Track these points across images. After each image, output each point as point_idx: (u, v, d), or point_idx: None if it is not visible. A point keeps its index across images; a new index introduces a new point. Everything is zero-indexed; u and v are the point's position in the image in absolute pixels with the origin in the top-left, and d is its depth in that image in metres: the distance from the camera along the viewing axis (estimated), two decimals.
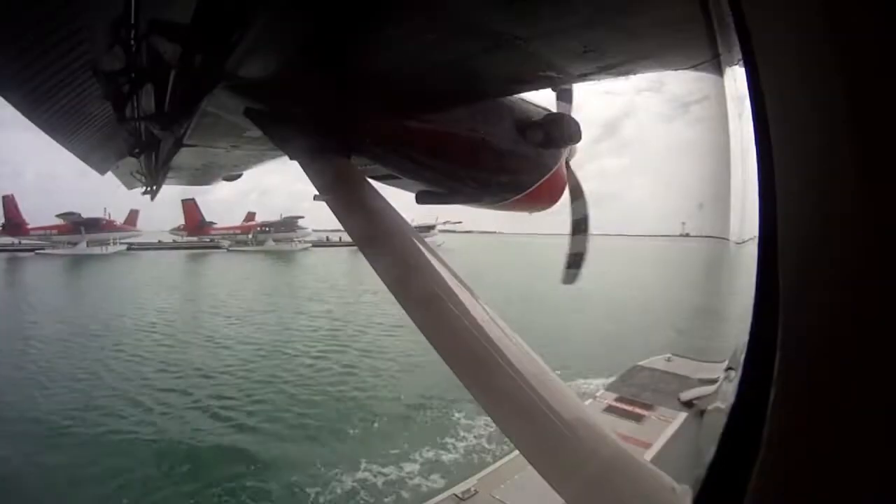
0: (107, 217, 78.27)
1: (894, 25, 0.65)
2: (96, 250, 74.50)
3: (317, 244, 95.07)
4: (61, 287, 46.72)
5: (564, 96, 3.89)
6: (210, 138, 4.95)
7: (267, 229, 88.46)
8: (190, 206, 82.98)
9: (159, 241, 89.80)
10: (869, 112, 0.69)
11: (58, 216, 76.27)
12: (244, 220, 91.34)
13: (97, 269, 58.86)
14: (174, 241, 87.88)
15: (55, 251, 73.41)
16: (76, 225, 75.44)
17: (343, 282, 47.90)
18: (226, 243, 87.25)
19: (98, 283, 48.40)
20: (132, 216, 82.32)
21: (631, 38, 2.23)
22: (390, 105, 3.27)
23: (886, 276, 0.66)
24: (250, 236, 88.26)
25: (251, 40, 2.39)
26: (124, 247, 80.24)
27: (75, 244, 75.06)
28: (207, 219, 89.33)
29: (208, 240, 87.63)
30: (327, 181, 3.43)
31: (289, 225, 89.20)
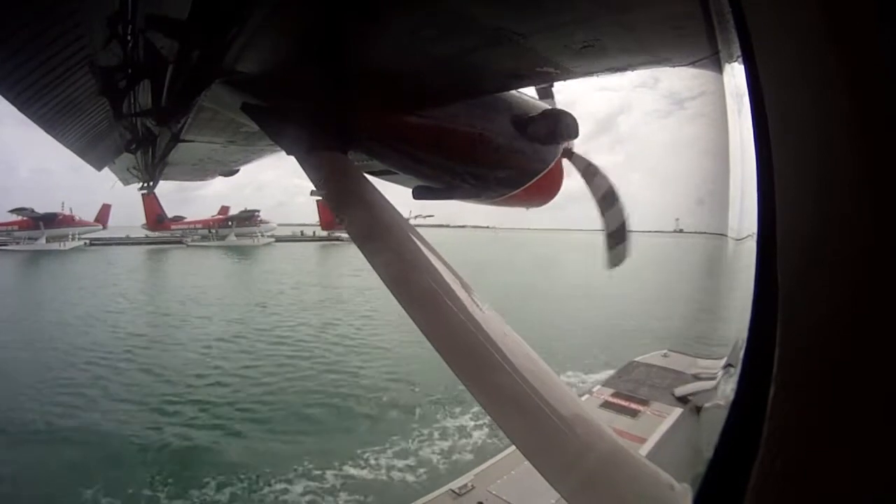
0: (64, 212, 77.28)
1: (893, 23, 0.66)
2: (54, 246, 72.65)
3: (289, 239, 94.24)
4: None
5: (545, 93, 3.88)
6: (207, 134, 4.95)
7: (230, 223, 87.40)
8: (149, 201, 78.66)
9: (127, 236, 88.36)
10: (868, 109, 0.69)
11: (11, 212, 74.31)
12: (217, 214, 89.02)
13: (39, 265, 57.92)
14: (146, 236, 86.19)
15: (16, 247, 72.31)
16: (34, 220, 74.43)
17: (254, 284, 46.38)
18: (188, 239, 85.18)
19: (17, 282, 47.66)
20: (104, 211, 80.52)
21: (630, 35, 2.23)
22: (388, 100, 3.27)
23: (885, 272, 0.67)
24: (210, 231, 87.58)
25: (248, 35, 2.38)
26: (82, 242, 78.12)
27: (35, 240, 73.60)
28: (201, 214, 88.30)
29: (179, 234, 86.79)
30: (324, 177, 3.42)
31: (250, 219, 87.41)
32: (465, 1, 2.16)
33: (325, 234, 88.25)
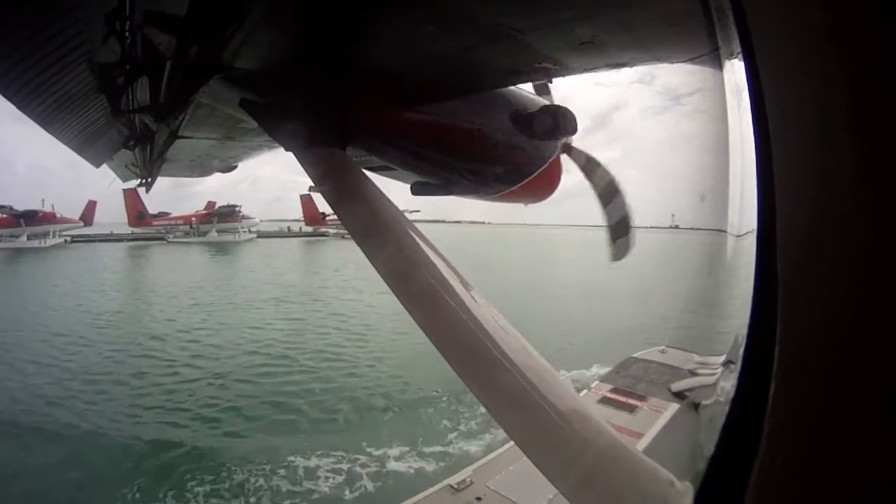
0: (45, 209, 75.78)
1: (894, 21, 0.66)
2: (34, 243, 71.77)
3: (274, 234, 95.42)
4: None
5: (542, 90, 3.88)
6: (205, 130, 4.94)
7: (213, 219, 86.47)
8: (131, 197, 77.32)
9: (111, 232, 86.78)
10: (868, 107, 0.69)
11: None
12: (203, 210, 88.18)
13: (13, 262, 57.86)
14: (132, 233, 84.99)
15: None
16: (15, 218, 73.19)
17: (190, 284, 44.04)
18: (170, 235, 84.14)
19: None
20: (90, 208, 78.96)
21: (629, 31, 2.23)
22: (386, 96, 3.27)
23: (885, 269, 0.67)
24: (191, 227, 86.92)
25: (247, 31, 2.38)
26: (63, 240, 76.51)
27: (17, 237, 72.29)
28: (195, 209, 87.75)
29: (163, 230, 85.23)
30: (323, 172, 3.42)
31: (231, 214, 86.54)
32: None
33: (310, 229, 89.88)
